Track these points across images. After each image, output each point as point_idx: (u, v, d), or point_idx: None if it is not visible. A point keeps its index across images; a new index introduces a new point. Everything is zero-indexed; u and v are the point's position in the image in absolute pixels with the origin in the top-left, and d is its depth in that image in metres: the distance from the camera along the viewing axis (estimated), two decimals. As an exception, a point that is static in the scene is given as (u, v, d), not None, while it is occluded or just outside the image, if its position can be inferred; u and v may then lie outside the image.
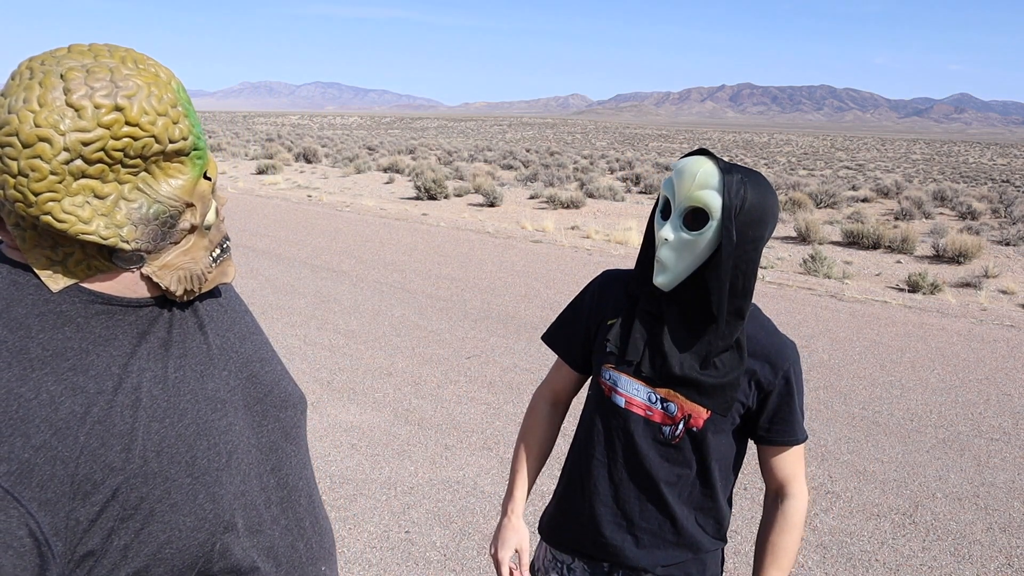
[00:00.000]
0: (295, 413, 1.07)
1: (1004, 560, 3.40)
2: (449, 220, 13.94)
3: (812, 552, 3.38)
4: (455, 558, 3.22)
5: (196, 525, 0.85)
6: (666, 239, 1.34)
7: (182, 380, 0.89)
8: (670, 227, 1.35)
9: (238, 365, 0.99)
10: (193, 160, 0.84)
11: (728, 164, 1.34)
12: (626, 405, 1.47)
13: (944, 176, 40.88)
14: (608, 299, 1.55)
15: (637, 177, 24.55)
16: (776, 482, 1.55)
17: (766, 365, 1.44)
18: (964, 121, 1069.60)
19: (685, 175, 1.33)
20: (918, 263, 11.06)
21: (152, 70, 0.80)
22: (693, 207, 1.32)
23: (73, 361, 0.80)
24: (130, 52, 0.82)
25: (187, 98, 0.85)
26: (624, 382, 1.47)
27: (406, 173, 22.84)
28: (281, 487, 1.00)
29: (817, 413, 5.00)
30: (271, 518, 0.97)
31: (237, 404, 0.96)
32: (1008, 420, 5.05)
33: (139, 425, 0.82)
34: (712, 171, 1.32)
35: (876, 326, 7.38)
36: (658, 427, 1.45)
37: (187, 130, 0.81)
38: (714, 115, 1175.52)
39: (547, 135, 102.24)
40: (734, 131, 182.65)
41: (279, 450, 1.01)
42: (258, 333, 1.08)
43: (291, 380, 1.09)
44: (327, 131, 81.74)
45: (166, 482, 0.82)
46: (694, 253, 1.35)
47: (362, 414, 4.69)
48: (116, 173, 0.78)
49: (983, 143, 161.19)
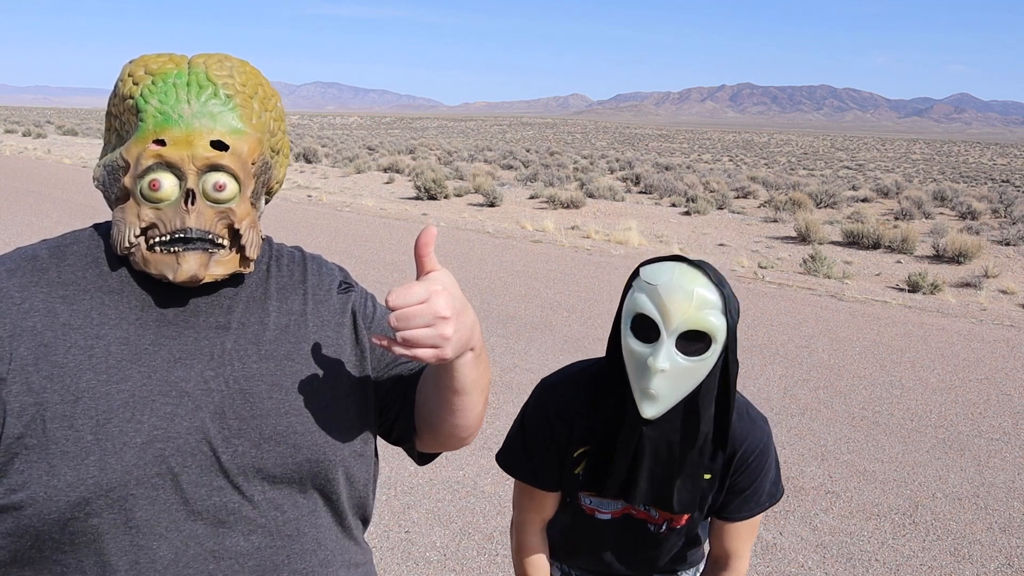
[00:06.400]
0: (286, 452, 0.96)
1: (1004, 560, 3.40)
2: (449, 220, 13.93)
3: (812, 552, 3.38)
4: (455, 558, 3.22)
5: (74, 483, 0.86)
6: (662, 369, 1.17)
7: (152, 356, 0.92)
8: (664, 355, 1.17)
9: (236, 375, 0.95)
10: (140, 120, 0.93)
11: (717, 275, 1.19)
12: (612, 516, 1.46)
13: (944, 176, 40.89)
14: (567, 425, 1.39)
15: (637, 177, 24.54)
16: (719, 552, 1.48)
17: (737, 454, 1.38)
18: (964, 121, 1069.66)
19: (677, 294, 1.15)
20: (918, 263, 11.06)
21: (164, 58, 0.97)
22: (690, 330, 1.17)
23: (69, 292, 0.93)
24: (184, 56, 1.01)
25: (177, 82, 0.94)
26: (606, 503, 1.44)
27: (406, 173, 22.84)
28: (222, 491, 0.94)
29: (817, 413, 5.00)
30: (170, 522, 0.91)
31: (203, 405, 0.93)
32: (1008, 420, 5.04)
33: (81, 370, 0.89)
34: (709, 288, 1.17)
35: (876, 326, 7.38)
36: (644, 523, 1.46)
37: (136, 91, 0.93)
38: (714, 115, 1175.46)
39: (547, 135, 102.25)
40: (734, 131, 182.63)
41: (240, 471, 0.94)
42: (308, 368, 0.99)
43: (316, 429, 0.98)
44: (327, 131, 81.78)
45: (68, 429, 0.87)
46: (692, 380, 1.21)
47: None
48: (109, 120, 0.99)
49: (983, 143, 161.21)
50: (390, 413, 1.09)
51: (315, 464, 0.98)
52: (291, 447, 0.96)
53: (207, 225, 0.94)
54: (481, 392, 1.03)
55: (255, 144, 0.97)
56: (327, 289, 1.08)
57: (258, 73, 1.01)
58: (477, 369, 0.99)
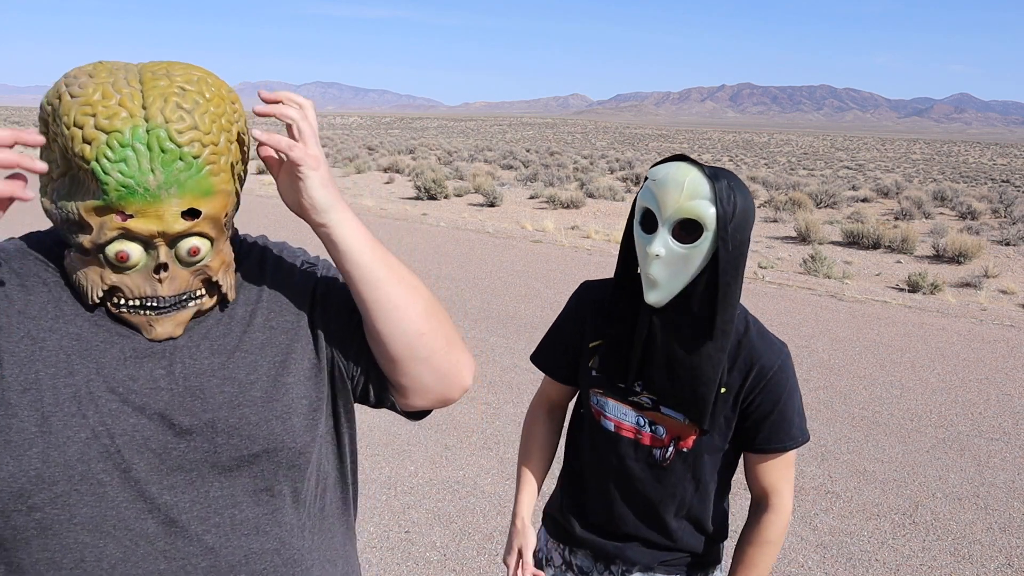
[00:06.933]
0: (241, 445, 0.94)
1: (1004, 560, 3.40)
2: (449, 220, 13.94)
3: (812, 552, 3.38)
4: (455, 558, 3.22)
5: (16, 474, 0.85)
6: (657, 254, 1.27)
7: (102, 354, 0.91)
8: (659, 242, 1.27)
9: (186, 372, 0.94)
10: (100, 188, 0.84)
11: (713, 169, 1.28)
12: (616, 429, 1.46)
13: (944, 176, 40.89)
14: (587, 318, 1.50)
15: (637, 177, 24.54)
16: (758, 491, 1.48)
17: (753, 370, 1.38)
18: (964, 121, 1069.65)
19: (670, 185, 1.26)
20: (918, 263, 11.06)
21: (112, 102, 0.84)
22: (684, 219, 1.26)
23: (28, 283, 0.92)
24: (140, 70, 0.90)
25: (136, 147, 0.84)
26: (612, 407, 1.45)
27: (406, 173, 22.84)
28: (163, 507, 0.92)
29: (817, 413, 5.00)
30: (119, 520, 0.90)
31: (151, 403, 0.92)
32: (1008, 420, 5.05)
33: (32, 361, 0.88)
34: (701, 179, 1.25)
35: (876, 326, 7.38)
36: (648, 450, 1.44)
37: (89, 154, 0.83)
38: (714, 115, 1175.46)
39: (547, 135, 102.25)
40: (734, 131, 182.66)
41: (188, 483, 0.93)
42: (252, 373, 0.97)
43: (273, 418, 0.97)
44: (327, 131, 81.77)
45: (12, 418, 0.86)
46: (688, 267, 1.28)
47: (362, 414, 4.69)
48: (47, 137, 0.88)
49: (983, 143, 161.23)
50: (359, 373, 1.05)
51: (273, 454, 0.96)
52: (246, 439, 0.94)
53: (181, 288, 0.91)
54: (398, 280, 0.98)
55: (227, 197, 0.91)
56: (287, 272, 1.06)
57: (219, 90, 0.91)
58: (360, 238, 0.96)
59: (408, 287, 0.99)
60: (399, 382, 1.03)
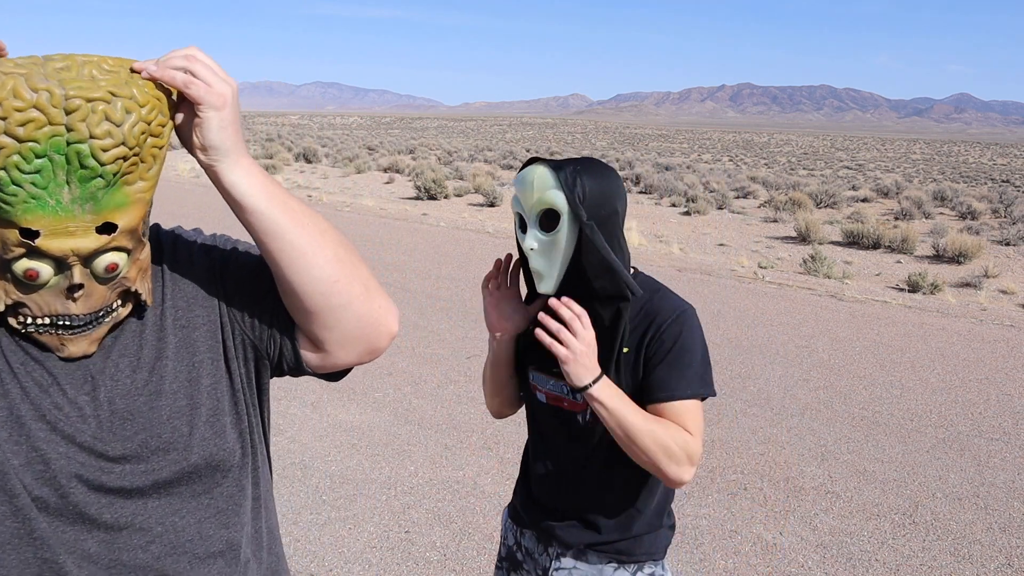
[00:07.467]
0: (178, 459, 0.92)
1: (1004, 560, 3.40)
2: (449, 220, 13.94)
3: (812, 552, 3.38)
4: (455, 558, 3.22)
5: None
6: (532, 248, 1.41)
7: (24, 378, 0.87)
8: (531, 236, 1.41)
9: (110, 395, 0.91)
10: (2, 197, 0.75)
11: (558, 162, 1.41)
12: (546, 400, 1.55)
13: (944, 176, 40.91)
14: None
15: (637, 177, 24.54)
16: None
17: (652, 325, 1.43)
18: (964, 121, 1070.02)
19: (525, 185, 1.40)
20: (918, 263, 11.06)
21: (27, 105, 0.73)
22: (542, 210, 1.40)
23: None
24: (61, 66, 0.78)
25: (54, 158, 0.75)
26: (541, 379, 1.56)
27: (406, 173, 22.84)
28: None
29: (817, 413, 5.00)
30: (69, 537, 0.89)
31: (81, 430, 0.89)
32: (1008, 420, 5.05)
33: None
34: (545, 173, 1.39)
35: (876, 326, 7.38)
36: (572, 415, 1.52)
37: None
38: (714, 115, 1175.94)
39: (547, 135, 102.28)
40: (734, 131, 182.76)
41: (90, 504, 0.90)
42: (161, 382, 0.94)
43: (203, 424, 0.95)
44: (327, 131, 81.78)
45: None
46: (559, 251, 1.41)
47: (362, 414, 4.69)
48: None
49: (983, 143, 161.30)
50: (274, 344, 0.99)
51: (210, 459, 0.94)
52: (182, 451, 0.92)
53: (97, 306, 0.85)
54: (301, 226, 0.91)
55: (145, 204, 0.84)
56: (185, 263, 0.99)
57: (147, 88, 0.81)
58: (255, 183, 0.89)
59: (313, 232, 0.92)
60: (321, 336, 0.96)
